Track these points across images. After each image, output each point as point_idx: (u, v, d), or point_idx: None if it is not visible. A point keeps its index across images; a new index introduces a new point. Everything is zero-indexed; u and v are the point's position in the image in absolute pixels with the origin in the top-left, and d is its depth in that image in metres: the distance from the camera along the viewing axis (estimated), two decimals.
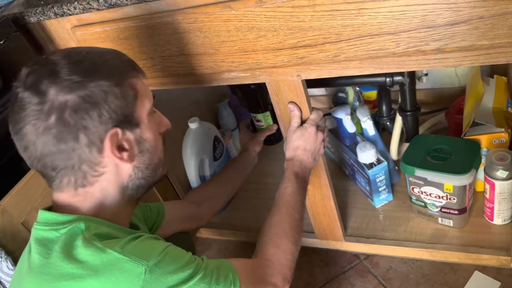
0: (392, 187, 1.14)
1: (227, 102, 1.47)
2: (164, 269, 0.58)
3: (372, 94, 1.35)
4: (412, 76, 0.99)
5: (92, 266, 0.56)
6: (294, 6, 0.71)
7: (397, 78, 0.99)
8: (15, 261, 0.79)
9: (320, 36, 0.73)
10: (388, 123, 1.16)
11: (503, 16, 0.61)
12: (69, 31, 0.94)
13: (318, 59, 0.77)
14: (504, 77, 1.12)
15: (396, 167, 1.17)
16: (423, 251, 1.02)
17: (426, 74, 1.08)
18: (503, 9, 0.61)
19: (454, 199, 0.96)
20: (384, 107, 1.15)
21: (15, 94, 0.59)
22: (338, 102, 1.35)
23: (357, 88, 1.30)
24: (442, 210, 1.00)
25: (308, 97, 0.86)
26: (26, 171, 0.87)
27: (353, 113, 1.18)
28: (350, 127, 1.14)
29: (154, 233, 0.88)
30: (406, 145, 1.11)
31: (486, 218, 1.01)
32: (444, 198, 0.97)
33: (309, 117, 0.87)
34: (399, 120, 1.09)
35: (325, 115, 0.92)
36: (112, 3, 0.82)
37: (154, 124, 0.68)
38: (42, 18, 0.92)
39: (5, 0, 1.05)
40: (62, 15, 0.89)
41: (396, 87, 1.03)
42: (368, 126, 1.13)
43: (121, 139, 0.62)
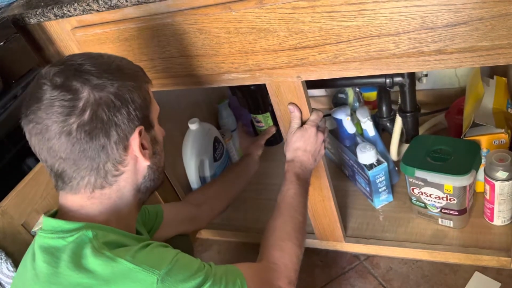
0: (392, 187, 1.14)
1: (227, 103, 1.47)
2: (175, 278, 0.58)
3: (372, 95, 1.35)
4: (412, 77, 0.99)
5: (103, 276, 0.56)
6: (294, 8, 0.71)
7: (397, 79, 0.99)
8: (15, 263, 0.79)
9: (320, 37, 0.73)
10: (388, 124, 1.16)
11: (503, 17, 0.61)
12: (69, 33, 0.94)
13: (318, 60, 0.77)
14: (504, 78, 1.12)
15: (396, 168, 1.17)
16: (423, 252, 1.02)
17: (426, 75, 1.08)
18: (503, 10, 0.61)
19: (454, 200, 0.96)
20: (384, 108, 1.15)
21: (41, 92, 0.58)
22: (338, 103, 1.35)
23: (357, 89, 1.31)
24: (442, 211, 1.00)
25: (308, 98, 0.86)
26: (26, 172, 0.87)
27: (353, 114, 1.18)
28: (350, 128, 1.14)
29: (152, 236, 0.88)
30: (406, 146, 1.11)
31: (486, 219, 1.01)
32: (444, 199, 0.97)
33: (309, 118, 0.87)
34: (399, 121, 1.09)
35: (325, 116, 0.92)
36: (112, 5, 0.82)
37: (160, 130, 0.72)
38: (42, 20, 0.92)
39: (5, 1, 1.05)
40: (62, 17, 0.89)
41: (396, 88, 1.03)
42: (368, 127, 1.13)
43: (143, 138, 0.65)
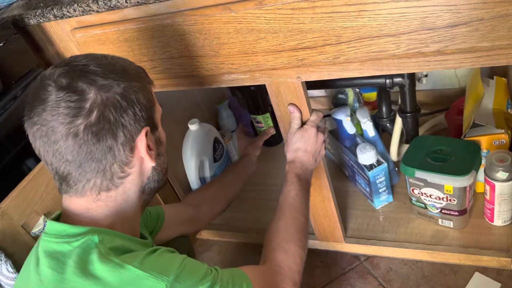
0: (392, 188, 1.14)
1: (227, 104, 1.47)
2: (183, 284, 0.57)
3: (372, 95, 1.35)
4: (412, 77, 0.99)
5: (111, 283, 0.55)
6: (294, 8, 0.71)
7: (397, 80, 0.99)
8: (15, 264, 0.79)
9: (320, 38, 0.73)
10: (388, 124, 1.16)
11: (503, 18, 0.61)
12: (68, 33, 0.94)
13: (318, 61, 0.77)
14: (504, 78, 1.12)
15: (396, 168, 1.17)
16: (423, 253, 1.02)
17: (426, 75, 1.08)
18: (503, 11, 0.61)
19: (454, 200, 0.96)
20: (384, 108, 1.15)
21: (46, 93, 0.57)
22: (338, 103, 1.35)
23: (357, 90, 1.31)
24: (442, 211, 1.00)
25: (308, 98, 0.86)
26: (25, 173, 0.87)
27: (353, 115, 1.18)
28: (350, 128, 1.14)
29: (153, 238, 0.88)
30: (406, 146, 1.11)
31: (486, 219, 1.01)
32: (444, 199, 0.97)
33: (309, 119, 0.87)
34: (399, 121, 1.08)
35: (325, 116, 0.92)
36: (112, 5, 0.82)
37: (163, 131, 0.71)
38: (41, 20, 0.91)
39: (4, 2, 1.05)
40: (62, 17, 0.89)
41: (396, 89, 1.03)
42: (368, 127, 1.13)
43: (148, 139, 0.64)
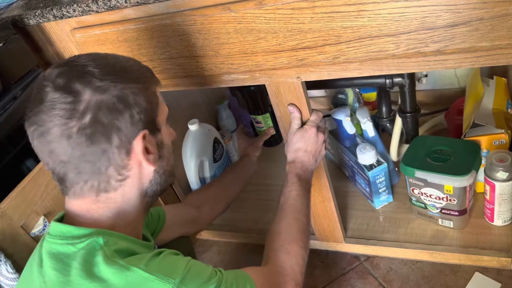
0: (392, 188, 1.14)
1: (226, 104, 1.47)
2: (189, 286, 0.57)
3: (372, 95, 1.35)
4: (412, 77, 0.99)
5: (117, 285, 0.55)
6: (293, 8, 0.71)
7: (397, 80, 0.99)
8: (14, 264, 0.79)
9: (319, 38, 0.73)
10: (388, 124, 1.16)
11: (503, 18, 0.61)
12: (68, 34, 0.94)
13: (318, 61, 0.77)
14: (504, 78, 1.12)
15: (396, 169, 1.16)
16: (424, 253, 1.02)
17: (426, 75, 1.08)
18: (503, 10, 0.60)
19: (454, 200, 0.96)
20: (384, 109, 1.15)
21: (43, 94, 0.57)
22: (337, 103, 1.35)
23: (357, 90, 1.31)
24: (442, 211, 1.00)
25: (308, 98, 0.86)
26: (25, 174, 0.87)
27: (352, 115, 1.18)
28: (350, 128, 1.14)
29: (155, 239, 0.88)
30: (406, 147, 1.11)
31: (487, 219, 1.01)
32: (444, 199, 0.97)
33: (309, 119, 0.87)
34: (399, 121, 1.08)
35: (325, 116, 0.92)
36: (111, 6, 0.82)
37: (168, 132, 0.71)
38: (41, 21, 0.91)
39: (4, 3, 1.05)
40: (62, 18, 0.89)
41: (396, 89, 1.03)
42: (368, 127, 1.13)
43: (147, 142, 0.63)
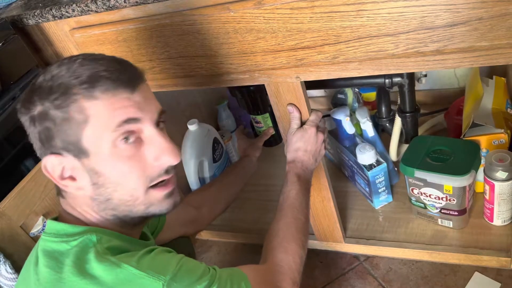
0: (391, 188, 1.14)
1: (226, 104, 1.47)
2: (180, 283, 0.57)
3: (371, 95, 1.34)
4: (411, 77, 0.99)
5: (107, 282, 0.55)
6: (292, 8, 0.71)
7: (396, 79, 0.99)
8: (14, 264, 0.79)
9: (319, 37, 0.73)
10: (387, 124, 1.16)
11: (502, 17, 0.61)
12: (67, 34, 0.94)
13: (317, 61, 0.77)
14: (503, 78, 1.12)
15: (396, 168, 1.16)
16: (423, 253, 1.02)
17: (425, 75, 1.08)
18: (502, 10, 0.60)
19: (453, 200, 0.96)
20: (383, 108, 1.15)
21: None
22: (337, 103, 1.35)
23: (356, 89, 1.31)
24: (442, 211, 1.00)
25: (307, 98, 0.86)
26: (24, 174, 0.87)
27: (352, 114, 1.18)
28: (349, 128, 1.14)
29: (155, 239, 0.88)
30: (405, 146, 1.11)
31: (486, 219, 1.01)
32: (444, 199, 0.97)
33: (309, 119, 0.87)
34: (398, 121, 1.08)
35: (324, 116, 0.92)
36: (110, 5, 0.82)
37: (128, 158, 0.58)
38: (40, 21, 0.91)
39: (3, 3, 1.05)
40: (61, 18, 0.89)
41: (395, 88, 1.03)
42: (368, 127, 1.13)
43: (66, 167, 0.58)
